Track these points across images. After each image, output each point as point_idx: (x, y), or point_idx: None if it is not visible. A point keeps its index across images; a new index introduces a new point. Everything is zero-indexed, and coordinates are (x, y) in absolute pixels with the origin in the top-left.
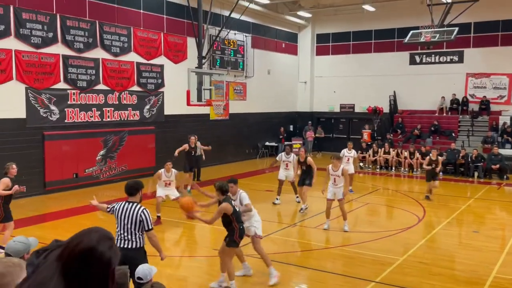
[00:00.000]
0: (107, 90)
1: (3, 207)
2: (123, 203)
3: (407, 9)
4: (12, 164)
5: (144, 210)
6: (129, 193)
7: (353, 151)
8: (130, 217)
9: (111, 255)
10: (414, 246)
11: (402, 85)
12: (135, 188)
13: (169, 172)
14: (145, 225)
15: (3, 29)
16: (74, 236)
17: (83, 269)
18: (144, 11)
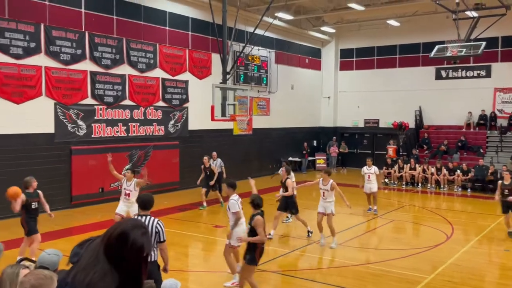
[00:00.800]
0: (133, 106)
1: (26, 221)
2: (136, 218)
3: (432, 24)
4: (32, 178)
5: (159, 222)
6: (143, 207)
7: (373, 167)
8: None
9: (143, 241)
10: (442, 265)
11: (428, 100)
12: (149, 202)
13: (130, 181)
14: (160, 236)
15: (34, 46)
16: (115, 224)
17: (119, 250)
18: (170, 28)
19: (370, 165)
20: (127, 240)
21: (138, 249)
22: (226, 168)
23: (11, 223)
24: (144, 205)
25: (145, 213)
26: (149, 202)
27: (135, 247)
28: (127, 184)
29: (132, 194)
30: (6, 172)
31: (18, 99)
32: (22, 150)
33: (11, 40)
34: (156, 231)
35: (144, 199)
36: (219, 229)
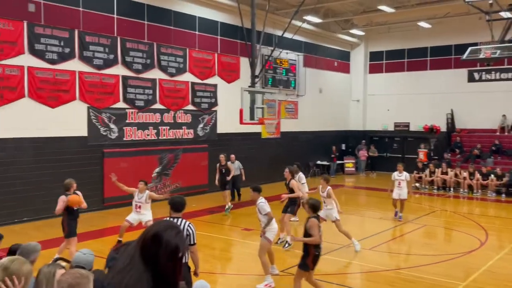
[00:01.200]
0: (163, 109)
1: (67, 223)
2: (169, 219)
3: (465, 25)
4: (72, 181)
5: (190, 225)
6: (175, 209)
7: (404, 173)
8: None
9: (177, 241)
10: (476, 272)
11: (460, 103)
12: (181, 204)
13: (142, 193)
14: (191, 239)
15: (68, 51)
16: (149, 226)
17: (154, 251)
18: (199, 33)
19: (401, 171)
20: (161, 241)
21: (172, 250)
22: (251, 171)
23: (44, 224)
24: (177, 207)
25: (176, 215)
26: (182, 204)
27: (169, 248)
28: (139, 196)
29: (143, 206)
30: (42, 175)
31: (53, 103)
32: (57, 153)
33: (46, 46)
34: (187, 233)
35: (176, 201)
36: (248, 232)
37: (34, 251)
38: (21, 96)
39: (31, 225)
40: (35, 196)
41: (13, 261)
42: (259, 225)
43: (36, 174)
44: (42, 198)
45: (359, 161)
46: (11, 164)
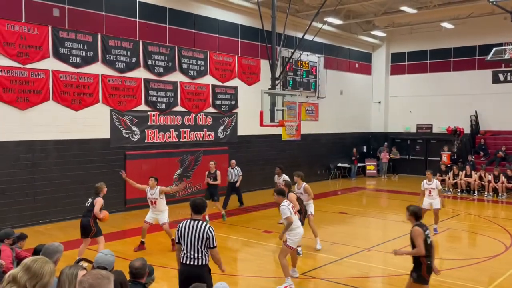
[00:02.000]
0: (184, 112)
1: (94, 223)
2: (188, 221)
3: (489, 26)
4: (103, 184)
5: (210, 228)
6: (196, 211)
7: (434, 181)
8: (196, 234)
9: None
10: (501, 276)
11: (485, 104)
12: (202, 206)
13: (153, 189)
14: (210, 242)
15: (91, 55)
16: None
17: None
18: (220, 35)
19: (430, 179)
20: None
21: None
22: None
23: (68, 225)
24: (198, 209)
25: (197, 217)
26: (202, 206)
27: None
28: (151, 192)
29: (158, 201)
30: (65, 176)
31: (77, 106)
32: (80, 155)
33: (70, 50)
34: (207, 237)
35: (197, 203)
36: (267, 234)
37: (57, 251)
38: (46, 99)
39: (55, 226)
40: (59, 197)
41: (35, 261)
42: (279, 228)
43: (60, 175)
44: (66, 200)
45: (380, 164)
46: (36, 166)
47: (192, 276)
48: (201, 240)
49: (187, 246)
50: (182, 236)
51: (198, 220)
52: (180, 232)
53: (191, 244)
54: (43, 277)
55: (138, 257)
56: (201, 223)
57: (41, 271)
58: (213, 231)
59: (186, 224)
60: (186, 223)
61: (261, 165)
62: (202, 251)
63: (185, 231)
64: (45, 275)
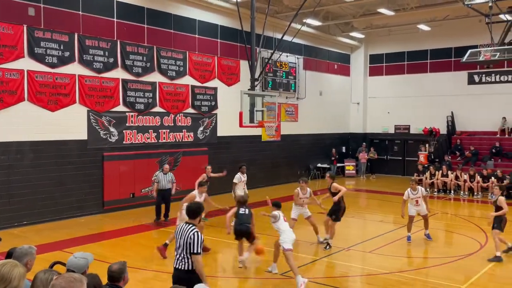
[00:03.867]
0: (163, 113)
1: None
2: (183, 224)
3: (464, 28)
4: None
5: (195, 232)
6: (189, 215)
7: (419, 189)
8: (183, 237)
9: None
10: (476, 274)
11: (460, 105)
12: (195, 211)
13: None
14: (192, 247)
15: (68, 55)
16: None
17: None
18: (199, 36)
19: (415, 188)
20: None
21: None
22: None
23: (44, 227)
24: (190, 213)
25: (191, 221)
26: (196, 211)
27: None
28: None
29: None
30: (42, 178)
31: (53, 106)
32: (57, 156)
33: (46, 50)
34: (189, 241)
35: (192, 208)
36: None
37: (27, 254)
38: (21, 100)
39: (31, 228)
40: (35, 200)
41: (4, 265)
42: (258, 229)
43: (36, 177)
44: (42, 202)
45: (359, 164)
46: (11, 168)
47: (181, 280)
48: (185, 243)
49: (177, 249)
50: (176, 239)
51: (190, 224)
52: (175, 235)
53: (179, 247)
54: (12, 281)
55: (118, 261)
56: (189, 226)
57: (9, 275)
58: (197, 235)
59: (180, 226)
60: (180, 226)
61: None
62: (188, 255)
63: (176, 233)
64: (14, 279)
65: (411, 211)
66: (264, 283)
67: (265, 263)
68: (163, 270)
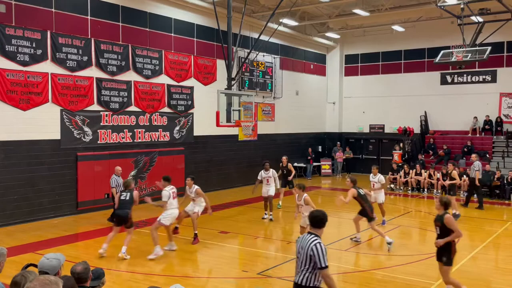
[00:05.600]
0: (138, 112)
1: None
2: (305, 235)
3: (437, 29)
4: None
5: (316, 243)
6: (313, 224)
7: (379, 175)
8: (304, 250)
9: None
10: None
11: (433, 105)
12: (322, 220)
13: (190, 187)
14: (316, 261)
15: (40, 53)
16: None
17: None
18: (175, 35)
19: (375, 174)
20: None
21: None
22: (228, 173)
23: (16, 229)
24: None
25: (314, 231)
26: (321, 219)
27: None
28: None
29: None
30: (13, 179)
31: (25, 106)
32: (30, 156)
33: (17, 47)
34: (310, 253)
35: (316, 215)
36: (224, 235)
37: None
38: None
39: (3, 230)
40: (7, 201)
41: None
42: (235, 228)
43: (7, 178)
44: (15, 203)
45: (335, 163)
46: None
47: None
48: (306, 256)
49: (298, 262)
50: (296, 249)
51: (312, 234)
52: (296, 245)
53: (301, 260)
54: None
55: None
56: (311, 237)
57: None
58: (320, 247)
59: (302, 236)
60: (302, 236)
61: (218, 166)
62: (308, 269)
63: (298, 243)
64: None
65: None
66: (240, 283)
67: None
68: (138, 271)
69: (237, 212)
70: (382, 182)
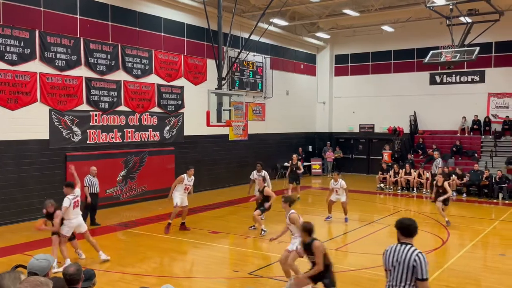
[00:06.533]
0: (128, 112)
1: None
2: (395, 245)
3: (426, 30)
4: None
5: (419, 254)
6: (404, 233)
7: (339, 181)
8: (403, 261)
9: None
10: (438, 270)
11: (423, 105)
12: (414, 228)
13: (190, 177)
14: (419, 271)
15: (28, 52)
16: None
17: None
18: (165, 34)
19: (336, 180)
20: None
21: None
22: (218, 173)
23: (5, 230)
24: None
25: (407, 240)
26: (415, 228)
27: None
28: (189, 179)
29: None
30: (2, 179)
31: (13, 105)
32: (18, 156)
33: (5, 46)
34: (413, 264)
35: (409, 224)
36: (215, 235)
37: None
38: None
39: None
40: None
41: None
42: (226, 228)
43: None
44: (2, 204)
45: (325, 163)
46: None
47: None
48: (407, 268)
49: (392, 275)
50: (388, 262)
51: (406, 244)
52: (385, 258)
53: (396, 273)
54: None
55: (72, 263)
56: (409, 247)
57: None
58: (422, 257)
59: (392, 248)
60: (392, 247)
61: (209, 166)
62: (410, 283)
63: (389, 256)
64: None
65: (333, 198)
66: (231, 283)
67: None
68: (129, 271)
69: (228, 212)
70: (344, 187)
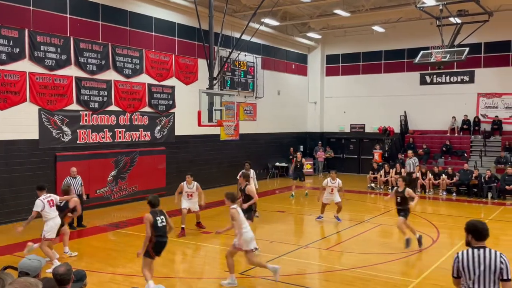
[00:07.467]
0: (118, 111)
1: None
2: (470, 251)
3: (417, 30)
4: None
5: (502, 255)
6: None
7: (337, 180)
8: (487, 265)
9: None
10: (428, 269)
11: (413, 105)
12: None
13: (190, 184)
14: (504, 272)
15: (17, 51)
16: None
17: None
18: (156, 34)
19: (334, 178)
20: None
21: None
22: (209, 173)
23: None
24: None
25: (482, 244)
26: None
27: None
28: (189, 186)
29: (194, 194)
30: None
31: (1, 105)
32: (7, 156)
33: None
34: (501, 266)
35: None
36: (206, 235)
37: None
38: None
39: None
40: None
41: None
42: (217, 228)
43: None
44: None
45: (317, 162)
46: None
47: None
48: (494, 271)
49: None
50: (469, 269)
51: (484, 248)
52: (464, 265)
53: (479, 276)
54: None
55: (62, 263)
56: (487, 250)
57: None
58: (506, 259)
59: (466, 254)
60: (465, 253)
61: (200, 165)
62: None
63: (467, 263)
64: None
65: (326, 198)
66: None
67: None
68: (119, 272)
69: (219, 212)
70: (340, 185)
